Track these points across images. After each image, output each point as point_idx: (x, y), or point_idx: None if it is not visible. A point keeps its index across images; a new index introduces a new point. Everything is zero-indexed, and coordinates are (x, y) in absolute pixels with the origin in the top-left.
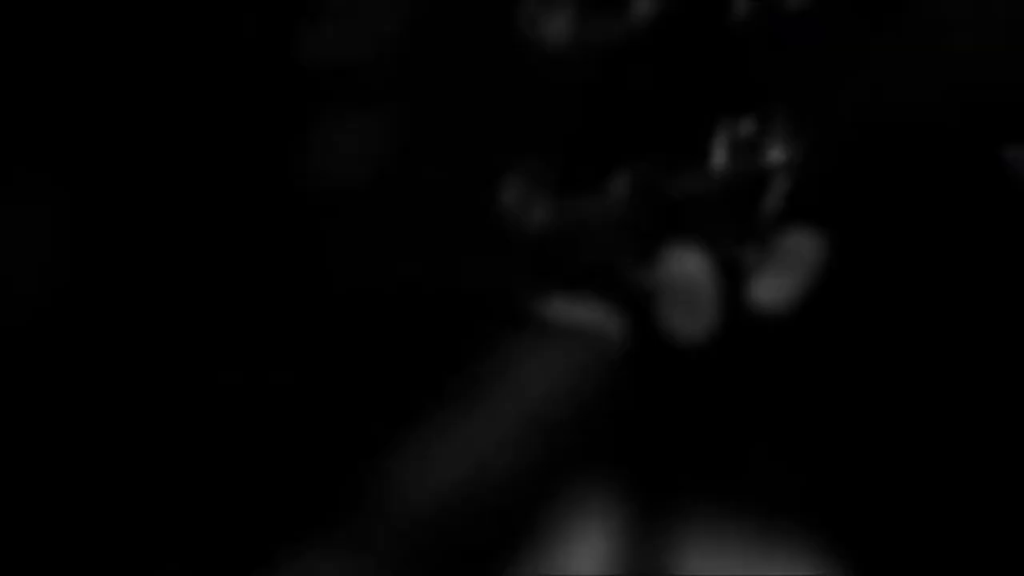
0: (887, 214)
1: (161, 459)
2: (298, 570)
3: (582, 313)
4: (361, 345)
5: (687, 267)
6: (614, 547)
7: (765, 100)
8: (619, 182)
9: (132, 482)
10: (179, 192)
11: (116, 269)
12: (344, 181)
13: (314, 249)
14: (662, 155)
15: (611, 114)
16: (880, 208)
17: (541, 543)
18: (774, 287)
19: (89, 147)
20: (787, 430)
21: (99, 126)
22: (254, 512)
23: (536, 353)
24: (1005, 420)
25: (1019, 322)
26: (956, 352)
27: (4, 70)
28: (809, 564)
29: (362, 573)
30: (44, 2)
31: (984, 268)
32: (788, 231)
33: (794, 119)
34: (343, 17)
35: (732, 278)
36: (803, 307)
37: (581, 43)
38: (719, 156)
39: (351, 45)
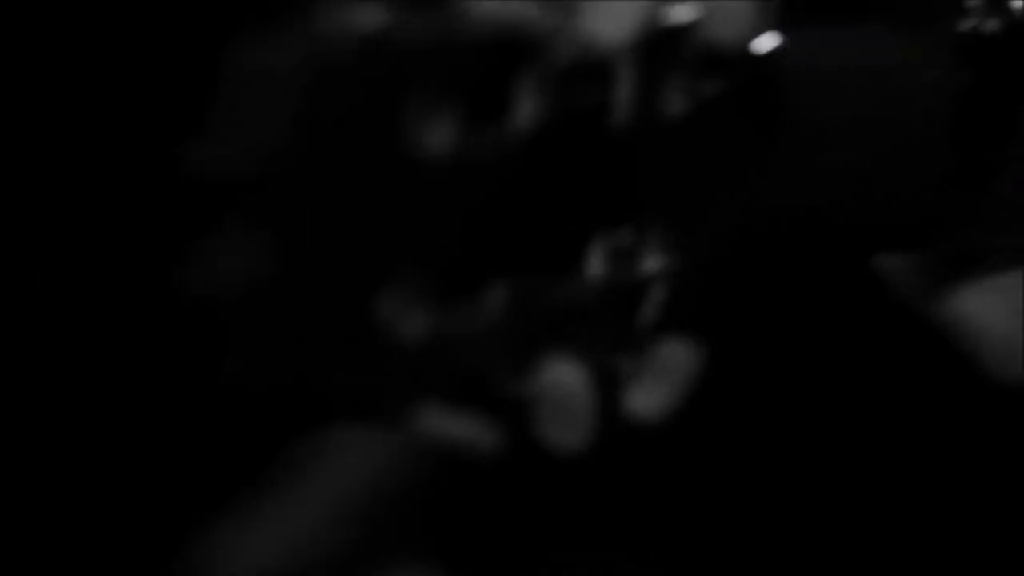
0: (763, 323)
1: None
2: None
3: (457, 424)
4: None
5: (563, 378)
6: None
7: (642, 209)
8: (495, 292)
9: None
10: (60, 296)
11: None
12: (223, 290)
13: (187, 355)
14: (539, 265)
15: (489, 223)
16: (756, 317)
17: None
18: (650, 397)
19: None
20: (661, 540)
21: None
22: None
23: (361, 446)
24: (886, 523)
25: (894, 427)
26: (832, 460)
27: None
28: None
29: None
30: None
31: (858, 375)
32: (665, 341)
33: (671, 228)
34: (225, 132)
35: (608, 388)
36: (679, 417)
37: (461, 154)
38: (595, 265)
39: (234, 159)
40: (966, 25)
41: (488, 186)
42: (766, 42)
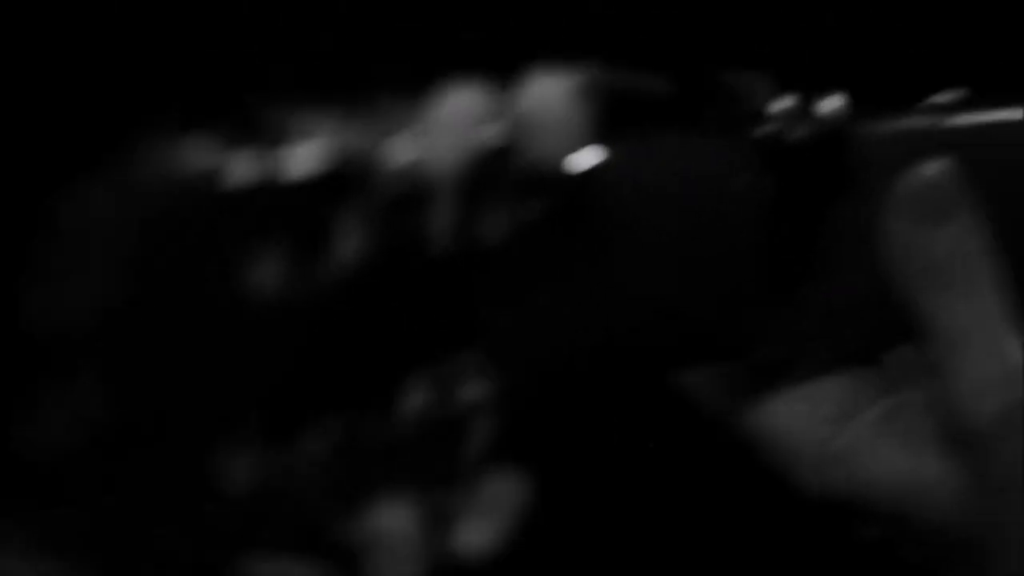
0: (584, 448)
1: None
2: None
3: (287, 571)
4: None
5: (390, 518)
6: None
7: (465, 338)
8: (319, 434)
9: None
10: None
11: None
12: (57, 441)
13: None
14: (362, 402)
15: (311, 363)
16: (577, 442)
17: None
18: (479, 533)
19: None
20: None
21: None
22: None
23: None
24: None
25: (714, 540)
26: None
27: None
28: None
29: None
30: None
31: (677, 492)
32: (491, 473)
33: (493, 358)
34: (56, 284)
35: (437, 525)
36: (509, 550)
37: (285, 293)
38: (418, 399)
39: (65, 310)
40: (769, 131)
41: (311, 324)
42: (586, 159)
